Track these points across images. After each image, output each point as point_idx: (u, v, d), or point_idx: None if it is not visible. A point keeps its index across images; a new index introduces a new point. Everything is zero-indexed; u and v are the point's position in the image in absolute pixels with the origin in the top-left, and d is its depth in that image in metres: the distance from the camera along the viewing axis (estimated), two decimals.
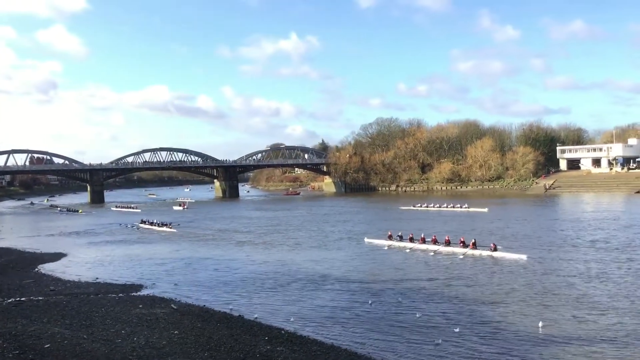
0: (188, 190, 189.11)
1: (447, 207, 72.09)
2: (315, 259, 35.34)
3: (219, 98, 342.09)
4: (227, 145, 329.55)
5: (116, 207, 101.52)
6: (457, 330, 18.50)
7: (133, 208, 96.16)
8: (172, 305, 22.95)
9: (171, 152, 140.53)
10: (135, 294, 26.36)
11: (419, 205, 75.56)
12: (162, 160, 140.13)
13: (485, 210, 66.57)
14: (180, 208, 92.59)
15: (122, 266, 35.30)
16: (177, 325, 19.09)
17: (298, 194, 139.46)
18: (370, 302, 23.39)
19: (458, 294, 24.50)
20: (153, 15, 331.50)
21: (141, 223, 64.40)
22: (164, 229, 58.51)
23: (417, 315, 20.64)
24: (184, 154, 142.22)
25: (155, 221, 63.10)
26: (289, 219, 65.91)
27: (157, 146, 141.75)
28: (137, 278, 30.70)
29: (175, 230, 56.69)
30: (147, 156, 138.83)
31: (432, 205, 74.58)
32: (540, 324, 18.58)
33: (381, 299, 23.88)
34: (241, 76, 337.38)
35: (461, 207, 70.36)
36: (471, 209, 68.39)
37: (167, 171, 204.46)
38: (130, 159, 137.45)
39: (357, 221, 60.70)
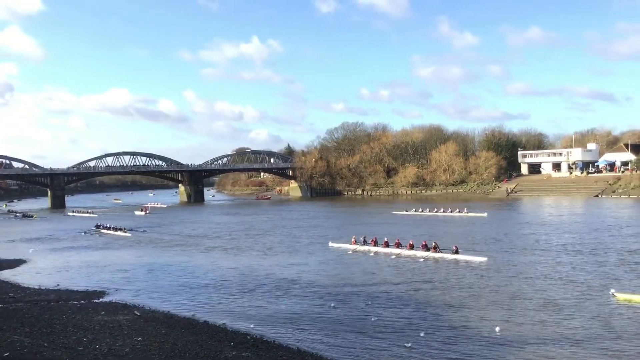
0: (152, 195, 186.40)
1: (443, 212, 69.72)
2: (280, 264, 35.29)
3: (181, 102, 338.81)
4: (190, 149, 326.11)
5: (73, 212, 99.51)
6: (422, 334, 18.64)
7: (90, 213, 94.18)
8: (135, 312, 22.62)
9: (134, 156, 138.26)
10: (97, 300, 25.91)
11: (413, 210, 73.20)
12: (125, 165, 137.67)
13: (485, 215, 64.64)
14: (142, 213, 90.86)
15: (84, 272, 34.62)
16: (141, 332, 18.81)
17: (269, 198, 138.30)
18: (332, 304, 23.57)
19: (420, 297, 24.77)
20: (111, 17, 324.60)
21: (96, 228, 63.95)
22: (119, 233, 58.20)
23: (379, 319, 20.80)
24: (148, 158, 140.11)
25: (109, 225, 62.81)
26: (255, 224, 65.60)
27: (120, 150, 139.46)
28: (99, 284, 30.14)
29: (129, 235, 56.61)
30: (109, 160, 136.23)
31: (427, 210, 72.09)
32: (497, 329, 18.79)
33: (346, 303, 24.00)
34: (203, 80, 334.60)
35: (460, 211, 67.71)
36: (470, 214, 66.00)
37: (131, 176, 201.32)
38: (92, 163, 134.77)
39: (327, 226, 60.79)
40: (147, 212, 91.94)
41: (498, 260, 33.19)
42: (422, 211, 71.57)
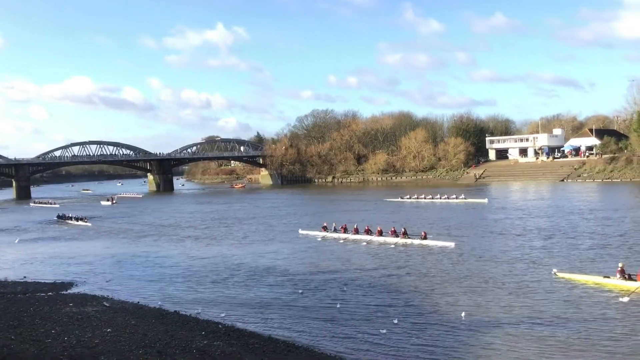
0: (120, 184, 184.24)
1: (440, 198, 67.37)
2: (252, 253, 35.21)
3: (147, 90, 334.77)
4: (158, 138, 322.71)
5: (34, 202, 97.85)
6: (395, 321, 18.69)
7: (52, 203, 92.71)
8: (105, 303, 22.39)
9: (101, 146, 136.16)
10: (65, 292, 25.54)
11: (407, 197, 70.52)
12: (92, 154, 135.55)
13: (485, 200, 62.89)
14: (109, 203, 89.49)
15: (51, 264, 34.08)
16: (110, 323, 18.63)
17: (244, 186, 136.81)
18: (301, 291, 23.79)
19: (389, 283, 25.02)
20: (68, 4, 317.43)
21: (58, 218, 63.55)
22: (80, 223, 58.05)
23: (349, 306, 20.93)
24: (115, 148, 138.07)
25: (71, 215, 62.56)
26: (227, 213, 65.37)
27: (86, 140, 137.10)
28: (67, 276, 29.73)
29: (90, 224, 56.52)
30: (75, 150, 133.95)
31: (422, 196, 69.62)
32: (462, 314, 18.99)
33: (317, 290, 24.12)
34: (168, 67, 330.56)
35: (457, 197, 65.98)
36: (469, 200, 64.27)
37: (98, 165, 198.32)
38: (57, 153, 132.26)
39: (301, 214, 60.84)
40: (114, 202, 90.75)
41: (465, 245, 33.68)
42: (417, 198, 69.33)
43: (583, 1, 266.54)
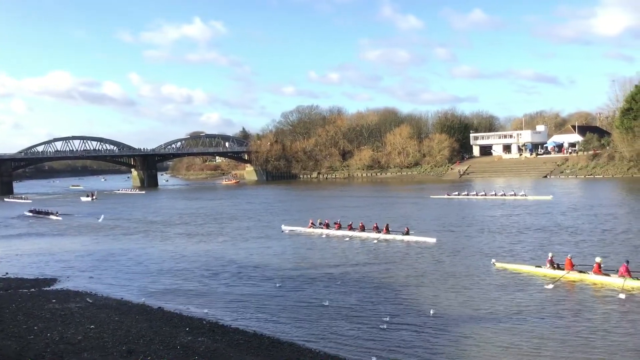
0: (104, 180, 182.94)
1: (494, 195, 61.70)
2: (235, 248, 35.24)
3: (126, 85, 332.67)
4: (141, 133, 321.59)
5: (8, 198, 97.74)
6: (386, 319, 18.64)
7: (24, 199, 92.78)
8: (88, 299, 22.26)
9: (84, 141, 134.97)
10: (48, 288, 25.34)
11: (456, 193, 65.55)
12: (75, 150, 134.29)
13: (550, 198, 56.99)
14: (89, 199, 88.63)
15: (34, 260, 33.73)
16: (93, 320, 18.55)
17: (238, 182, 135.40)
18: (278, 284, 24.08)
19: (373, 278, 25.15)
20: None
21: (30, 212, 63.86)
22: (51, 217, 58.70)
23: (333, 302, 20.98)
24: (99, 143, 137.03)
25: (42, 210, 62.92)
26: (213, 209, 65.17)
27: (69, 135, 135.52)
28: (50, 272, 29.47)
29: (60, 218, 57.34)
30: (58, 145, 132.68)
31: (473, 193, 64.73)
32: (431, 312, 19.00)
33: (301, 285, 24.18)
34: (147, 62, 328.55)
35: (515, 194, 59.47)
36: (530, 197, 58.27)
37: (81, 161, 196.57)
38: (40, 148, 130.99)
39: (288, 210, 60.80)
40: (94, 197, 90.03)
41: (447, 241, 33.91)
42: (468, 195, 64.12)
43: None
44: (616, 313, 18.61)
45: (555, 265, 23.93)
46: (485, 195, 62.37)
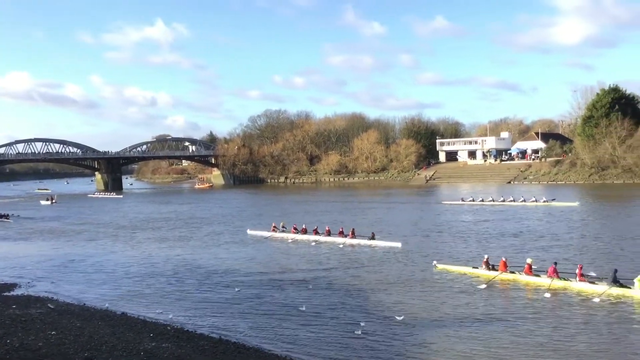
0: (67, 183, 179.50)
1: (515, 201, 58.31)
2: (200, 253, 34.90)
3: (88, 86, 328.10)
4: (104, 136, 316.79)
5: None
6: (362, 324, 18.63)
7: None
8: (49, 305, 21.78)
9: (47, 144, 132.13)
10: (8, 294, 24.69)
11: (471, 199, 61.74)
12: (37, 152, 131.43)
13: (576, 204, 54.12)
14: (49, 202, 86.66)
15: None
16: (55, 326, 18.16)
17: (211, 186, 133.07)
18: (237, 289, 24.08)
19: (339, 282, 25.26)
20: None
21: None
22: (2, 220, 58.21)
23: (303, 307, 20.88)
24: (62, 145, 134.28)
25: None
26: (177, 213, 64.42)
27: (28, 137, 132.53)
28: (10, 277, 28.76)
29: (11, 221, 57.04)
30: (20, 147, 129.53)
31: (490, 199, 61.15)
32: (400, 317, 19.11)
33: (266, 290, 24.09)
34: (108, 63, 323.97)
35: (537, 201, 56.58)
36: (555, 204, 54.91)
37: (44, 163, 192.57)
38: (1, 151, 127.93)
39: (255, 213, 60.51)
40: (54, 201, 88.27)
41: (412, 245, 34.20)
42: (483, 201, 60.56)
43: (521, 7, 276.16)
44: (541, 311, 19.75)
45: (491, 267, 25.18)
46: (504, 201, 59.13)
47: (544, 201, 56.34)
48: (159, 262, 31.99)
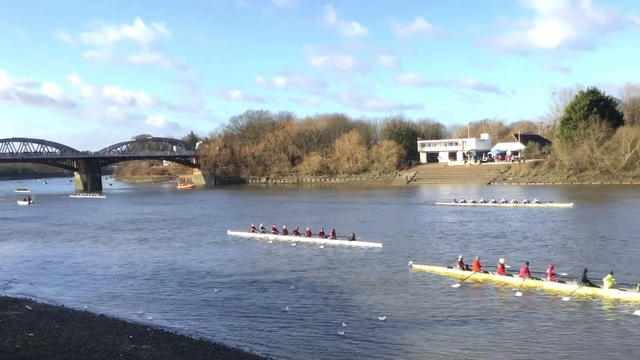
0: (46, 183, 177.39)
1: (507, 202, 57.84)
2: (181, 254, 34.76)
3: (66, 86, 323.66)
4: (83, 136, 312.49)
5: None
6: (344, 326, 18.60)
7: None
8: (27, 307, 21.54)
9: (25, 143, 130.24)
10: None
11: (462, 200, 61.60)
12: (15, 152, 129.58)
13: (570, 205, 54.30)
14: (26, 203, 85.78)
15: None
16: (32, 327, 17.98)
17: (193, 186, 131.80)
18: (216, 290, 24.11)
19: (320, 283, 25.30)
20: None
21: None
22: None
23: (284, 308, 20.94)
24: (40, 145, 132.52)
25: None
26: (158, 214, 63.97)
27: (8, 136, 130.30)
28: None
29: None
30: None
31: (480, 201, 60.79)
32: (383, 318, 19.27)
33: (247, 291, 24.08)
34: (88, 63, 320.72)
35: (529, 202, 56.48)
36: (552, 205, 55.11)
37: (22, 163, 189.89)
38: None
39: (237, 215, 60.30)
40: (32, 201, 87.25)
41: (392, 245, 34.44)
42: (475, 202, 60.39)
43: (500, 10, 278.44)
44: (513, 310, 20.18)
45: (465, 266, 25.76)
46: (496, 202, 58.86)
47: (537, 202, 56.41)
48: (139, 264, 31.79)
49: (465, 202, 61.17)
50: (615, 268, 24.41)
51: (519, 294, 21.99)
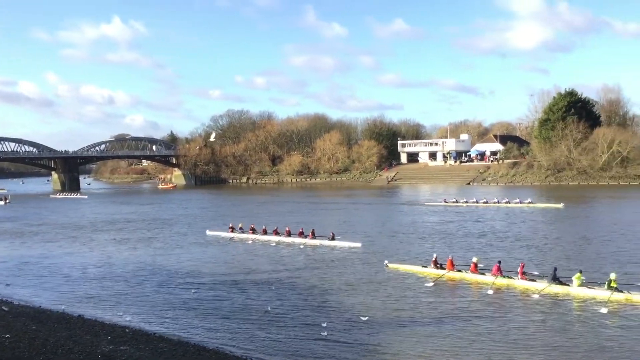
0: (23, 183, 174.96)
1: (499, 202, 58.10)
2: (159, 254, 34.56)
3: (43, 84, 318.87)
4: (60, 134, 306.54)
5: None
6: (324, 326, 18.69)
7: None
8: (3, 307, 21.34)
9: (1, 142, 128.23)
10: None
11: (454, 200, 61.64)
12: None
13: (560, 206, 54.31)
14: (2, 203, 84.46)
15: None
16: (9, 328, 17.82)
17: (174, 186, 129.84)
18: (194, 290, 24.12)
19: (299, 283, 25.41)
20: None
21: None
22: None
23: (264, 308, 21.01)
24: (17, 144, 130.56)
25: None
26: (136, 214, 63.48)
27: None
28: None
29: None
30: None
31: (472, 200, 60.57)
32: (365, 318, 19.43)
33: (225, 291, 24.10)
34: (65, 61, 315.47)
35: (521, 202, 56.56)
36: (541, 205, 55.87)
37: None
38: None
39: (216, 214, 60.09)
40: (7, 201, 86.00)
41: (372, 245, 34.67)
42: (467, 202, 60.20)
43: (478, 11, 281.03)
44: (485, 307, 20.76)
45: (439, 265, 26.24)
46: (487, 202, 58.77)
47: (529, 202, 56.45)
48: (118, 264, 31.60)
49: (457, 202, 60.94)
50: (585, 267, 24.84)
51: (490, 292, 22.58)
